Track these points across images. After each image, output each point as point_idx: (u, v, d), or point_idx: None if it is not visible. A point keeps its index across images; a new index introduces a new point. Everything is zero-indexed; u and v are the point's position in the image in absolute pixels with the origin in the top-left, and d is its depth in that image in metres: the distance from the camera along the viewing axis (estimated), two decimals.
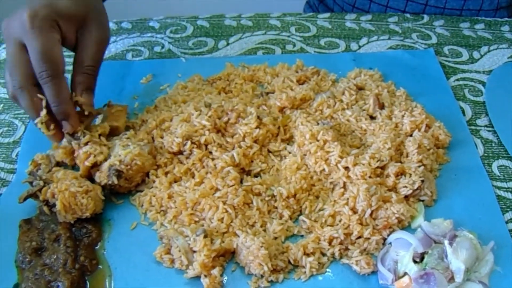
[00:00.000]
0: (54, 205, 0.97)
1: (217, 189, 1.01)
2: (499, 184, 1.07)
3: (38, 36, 0.99)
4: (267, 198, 1.01)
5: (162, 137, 1.09)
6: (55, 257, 0.94)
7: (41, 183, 0.99)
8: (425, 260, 0.91)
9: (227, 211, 0.98)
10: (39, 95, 1.01)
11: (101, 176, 1.02)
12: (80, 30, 1.09)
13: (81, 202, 0.97)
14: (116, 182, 1.01)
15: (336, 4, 1.72)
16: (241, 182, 1.04)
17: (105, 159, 1.03)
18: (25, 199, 1.00)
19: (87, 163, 1.03)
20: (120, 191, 1.05)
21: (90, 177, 1.05)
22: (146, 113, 1.20)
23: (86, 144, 1.04)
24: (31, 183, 1.01)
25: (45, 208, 0.98)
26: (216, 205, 0.98)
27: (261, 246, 0.90)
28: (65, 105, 1.03)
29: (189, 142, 1.06)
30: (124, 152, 1.02)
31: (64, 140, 1.06)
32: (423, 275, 0.88)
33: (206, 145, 1.08)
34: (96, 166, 1.04)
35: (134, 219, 1.02)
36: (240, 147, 1.07)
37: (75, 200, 0.97)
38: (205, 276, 0.91)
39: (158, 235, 0.97)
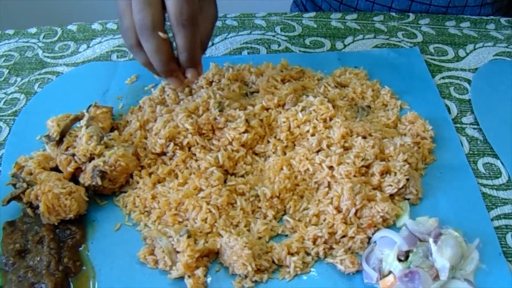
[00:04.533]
0: (37, 207, 0.96)
1: (201, 190, 1.01)
2: (484, 181, 1.07)
3: None
4: (251, 198, 1.01)
5: (146, 138, 1.09)
6: (38, 259, 0.93)
7: (25, 185, 0.99)
8: (409, 258, 0.91)
9: (210, 211, 0.97)
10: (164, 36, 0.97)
11: (85, 177, 1.02)
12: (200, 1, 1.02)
13: (65, 203, 0.97)
14: (100, 183, 1.00)
15: (324, 1, 1.71)
16: (225, 182, 1.04)
17: (89, 161, 1.02)
18: (8, 201, 0.99)
19: (70, 169, 1.03)
20: (104, 192, 1.04)
21: (74, 178, 1.04)
22: (130, 114, 1.19)
23: (66, 149, 1.04)
24: (14, 185, 1.00)
25: (29, 210, 0.98)
26: (199, 205, 0.98)
27: (245, 246, 0.90)
28: (197, 50, 1.02)
29: (172, 144, 1.05)
30: (108, 153, 1.02)
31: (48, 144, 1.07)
32: (407, 273, 0.88)
33: (189, 147, 1.07)
34: (79, 168, 1.03)
35: (118, 220, 1.02)
36: (225, 150, 1.06)
37: (59, 201, 0.96)
38: (189, 276, 0.90)
39: (141, 236, 0.96)
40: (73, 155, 1.02)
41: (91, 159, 1.03)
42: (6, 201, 0.99)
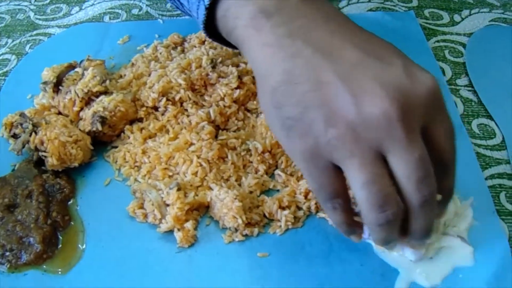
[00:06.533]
0: (44, 151, 0.97)
1: (192, 144, 1.00)
2: (478, 142, 1.07)
3: (416, 142, 0.64)
4: (242, 153, 1.00)
5: (139, 90, 1.09)
6: (27, 212, 0.92)
7: (30, 126, 0.98)
8: None
9: (201, 165, 0.96)
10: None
11: (84, 124, 1.02)
12: None
13: (71, 152, 0.97)
14: (100, 128, 1.00)
15: None
16: (216, 137, 1.03)
17: (86, 105, 1.05)
18: (21, 150, 1.00)
19: (76, 108, 1.04)
20: (104, 139, 1.05)
21: None
22: (124, 69, 1.19)
23: (66, 93, 1.04)
24: (21, 124, 1.00)
25: (35, 155, 0.98)
26: (190, 159, 0.97)
27: (235, 199, 0.89)
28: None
29: (164, 99, 1.04)
30: (108, 99, 1.02)
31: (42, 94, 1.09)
32: None
33: (181, 103, 1.06)
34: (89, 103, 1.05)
35: (108, 175, 1.01)
36: (217, 105, 1.05)
37: (65, 149, 0.97)
38: (178, 229, 0.90)
39: (131, 190, 0.96)
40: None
41: (87, 103, 1.04)
42: (20, 150, 1.00)
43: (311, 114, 0.64)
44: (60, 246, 0.91)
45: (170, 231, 0.91)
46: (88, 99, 1.04)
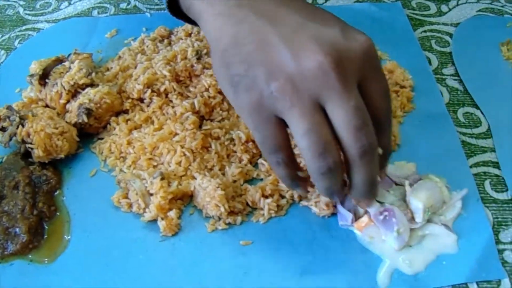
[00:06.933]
0: (30, 143, 0.98)
1: (176, 134, 1.00)
2: (464, 130, 1.07)
3: (351, 92, 0.68)
4: (226, 142, 1.00)
5: (125, 82, 1.09)
6: (13, 203, 0.93)
7: (18, 119, 0.99)
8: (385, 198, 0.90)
9: (185, 155, 0.97)
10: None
11: (71, 116, 1.02)
12: None
13: (56, 143, 0.97)
14: (86, 120, 1.01)
15: None
16: (201, 127, 1.03)
17: (72, 97, 1.05)
18: (8, 142, 1.00)
19: (62, 101, 1.04)
20: (90, 131, 1.05)
21: None
22: (111, 62, 1.20)
23: (53, 86, 1.05)
24: (8, 117, 1.01)
25: (23, 147, 0.99)
26: (174, 149, 0.97)
27: (218, 187, 0.89)
28: (376, 183, 0.79)
29: (149, 90, 1.05)
30: (94, 91, 1.03)
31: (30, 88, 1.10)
32: (382, 211, 0.87)
33: (166, 94, 1.07)
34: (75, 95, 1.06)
35: (93, 166, 1.01)
36: (202, 96, 1.06)
37: (51, 141, 0.97)
38: (162, 218, 0.90)
39: (116, 180, 0.96)
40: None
41: (74, 95, 1.05)
42: (7, 142, 1.00)
43: (255, 70, 0.70)
44: (46, 236, 0.92)
45: (154, 220, 0.91)
46: (74, 92, 1.05)
